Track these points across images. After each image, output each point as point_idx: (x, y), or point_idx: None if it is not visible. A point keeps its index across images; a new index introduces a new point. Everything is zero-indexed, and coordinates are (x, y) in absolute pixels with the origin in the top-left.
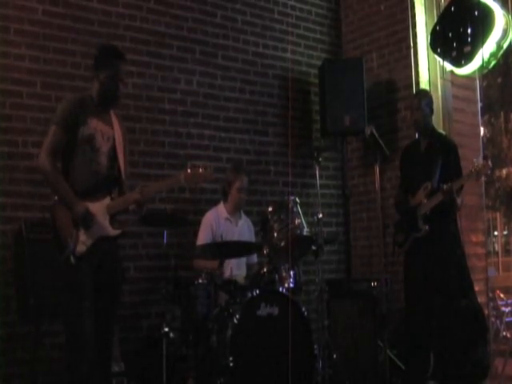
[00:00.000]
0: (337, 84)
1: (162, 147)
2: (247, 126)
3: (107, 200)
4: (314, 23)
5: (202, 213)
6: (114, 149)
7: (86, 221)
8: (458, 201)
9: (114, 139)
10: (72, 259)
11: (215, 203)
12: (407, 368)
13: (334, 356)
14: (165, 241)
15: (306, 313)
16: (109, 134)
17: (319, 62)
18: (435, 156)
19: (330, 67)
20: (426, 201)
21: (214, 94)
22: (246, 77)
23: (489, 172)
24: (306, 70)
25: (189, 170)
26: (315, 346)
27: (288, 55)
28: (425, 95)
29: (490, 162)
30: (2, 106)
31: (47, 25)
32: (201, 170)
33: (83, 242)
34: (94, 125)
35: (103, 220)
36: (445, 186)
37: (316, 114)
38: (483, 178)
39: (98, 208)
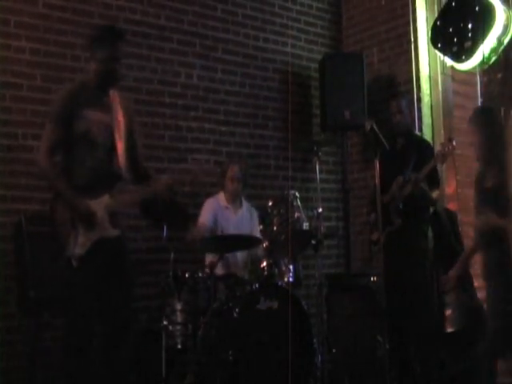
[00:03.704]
0: (337, 78)
1: (162, 141)
2: (247, 120)
3: (106, 198)
4: (314, 17)
5: (201, 206)
6: (112, 138)
7: (89, 221)
8: (434, 194)
9: (112, 127)
10: (73, 262)
11: (213, 194)
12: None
13: (333, 350)
14: (164, 234)
15: (305, 307)
16: (107, 122)
17: (320, 57)
18: (410, 153)
19: (331, 61)
20: (397, 194)
21: (214, 87)
22: (246, 70)
23: (453, 152)
24: (306, 65)
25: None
26: (314, 341)
27: (288, 49)
28: (404, 97)
29: (453, 142)
30: (1, 98)
31: (47, 17)
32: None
33: (82, 244)
34: (91, 116)
35: (102, 220)
36: (412, 176)
37: (316, 108)
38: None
39: (97, 206)
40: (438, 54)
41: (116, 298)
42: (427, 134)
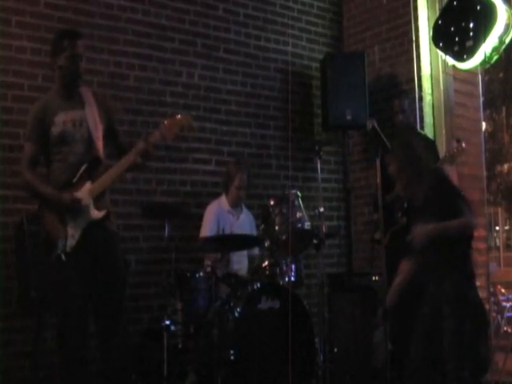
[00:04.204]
0: (338, 78)
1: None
2: (248, 120)
3: (88, 185)
4: (315, 17)
5: (204, 206)
6: (88, 130)
7: (75, 205)
8: None
9: (85, 119)
10: (62, 257)
11: (216, 196)
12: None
13: (335, 350)
14: (166, 234)
15: (306, 306)
16: (80, 117)
17: (321, 56)
18: None
19: (332, 61)
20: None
21: (216, 87)
22: (247, 70)
23: (462, 154)
24: (307, 64)
25: (165, 122)
26: (316, 340)
27: (289, 49)
28: (406, 96)
29: (463, 144)
30: (3, 98)
31: (49, 17)
32: (179, 116)
33: (72, 235)
34: (62, 119)
35: (87, 206)
36: None
37: (317, 107)
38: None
39: (81, 195)
40: (440, 53)
41: (108, 282)
42: (429, 133)
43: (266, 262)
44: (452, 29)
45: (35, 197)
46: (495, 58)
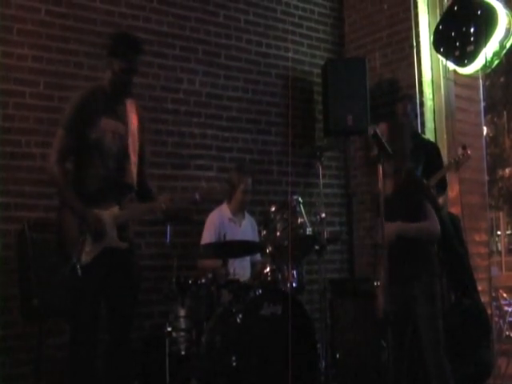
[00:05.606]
0: (339, 83)
1: (165, 147)
2: (250, 126)
3: (115, 209)
4: (316, 23)
5: (205, 212)
6: (125, 148)
7: (98, 231)
8: (440, 200)
9: (126, 137)
10: (78, 270)
11: (218, 203)
12: None
13: (337, 355)
14: (168, 240)
15: (308, 312)
16: (121, 131)
17: (322, 62)
18: (418, 156)
19: (333, 67)
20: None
21: (217, 93)
22: (248, 76)
23: (468, 160)
24: (308, 70)
25: (205, 186)
26: (318, 346)
27: (290, 55)
28: (410, 100)
29: (468, 151)
30: (4, 105)
31: (50, 25)
32: (219, 185)
33: (88, 252)
34: (104, 125)
35: (110, 230)
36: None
37: (319, 113)
38: (488, 175)
39: (106, 217)
40: (441, 58)
41: (120, 308)
42: (430, 139)
43: (268, 268)
44: (453, 34)
45: (59, 196)
46: (496, 62)
